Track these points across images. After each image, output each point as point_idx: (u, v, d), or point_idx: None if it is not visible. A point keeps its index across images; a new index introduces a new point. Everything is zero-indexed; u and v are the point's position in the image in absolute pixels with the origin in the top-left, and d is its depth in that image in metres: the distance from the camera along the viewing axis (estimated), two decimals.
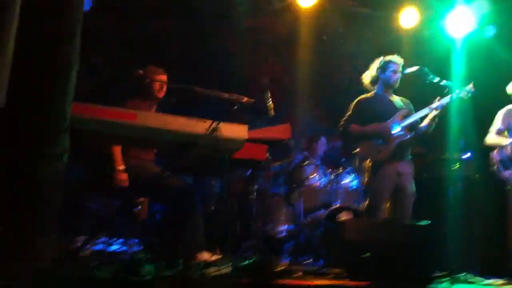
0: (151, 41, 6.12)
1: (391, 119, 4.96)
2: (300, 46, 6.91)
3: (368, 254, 3.61)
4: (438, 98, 4.90)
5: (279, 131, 4.30)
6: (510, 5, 6.59)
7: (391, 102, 5.14)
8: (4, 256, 2.44)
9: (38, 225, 2.57)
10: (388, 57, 5.13)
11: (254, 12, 6.61)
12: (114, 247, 4.16)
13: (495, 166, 5.36)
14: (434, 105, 4.88)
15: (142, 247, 3.86)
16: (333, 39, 7.04)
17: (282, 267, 3.68)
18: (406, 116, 4.99)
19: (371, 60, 5.37)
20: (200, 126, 3.62)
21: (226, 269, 3.47)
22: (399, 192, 4.88)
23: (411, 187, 4.94)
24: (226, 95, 4.36)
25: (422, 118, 5.00)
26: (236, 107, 4.30)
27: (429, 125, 4.96)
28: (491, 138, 5.48)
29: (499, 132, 5.42)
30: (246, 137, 3.75)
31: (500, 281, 4.55)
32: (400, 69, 5.08)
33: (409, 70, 5.03)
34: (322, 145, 6.59)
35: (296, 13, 6.72)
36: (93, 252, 3.92)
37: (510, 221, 5.63)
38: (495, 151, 5.40)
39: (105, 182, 4.00)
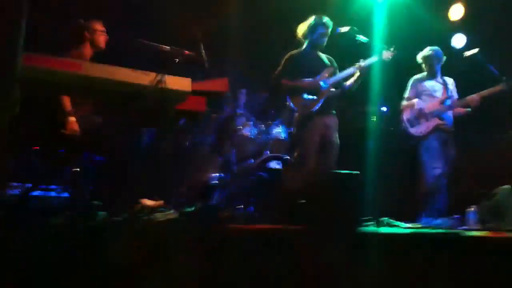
0: None
1: (319, 76, 5.25)
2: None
3: (303, 201, 3.89)
4: (362, 59, 5.25)
5: (218, 85, 4.44)
6: None
7: (319, 59, 5.42)
8: None
9: None
10: (319, 19, 5.38)
11: None
12: (55, 195, 4.20)
13: (404, 124, 6.00)
14: (358, 65, 5.24)
15: (86, 196, 3.93)
16: None
17: (227, 214, 3.89)
18: (332, 74, 5.32)
19: (299, 17, 5.61)
20: (145, 78, 3.70)
21: (171, 215, 3.65)
22: (326, 144, 5.22)
23: (336, 139, 5.31)
24: (167, 48, 4.45)
25: (347, 77, 5.34)
26: (177, 60, 4.41)
27: (353, 84, 5.35)
28: (404, 103, 6.10)
29: (409, 99, 6.05)
30: (190, 89, 3.86)
31: (418, 225, 5.06)
32: (329, 32, 5.37)
33: (341, 29, 5.31)
34: (242, 96, 6.76)
35: None
36: (37, 199, 3.95)
37: (419, 170, 6.21)
38: (404, 112, 6.04)
39: (47, 132, 4.01)
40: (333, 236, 3.62)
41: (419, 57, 6.15)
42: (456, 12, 7.60)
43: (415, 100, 5.95)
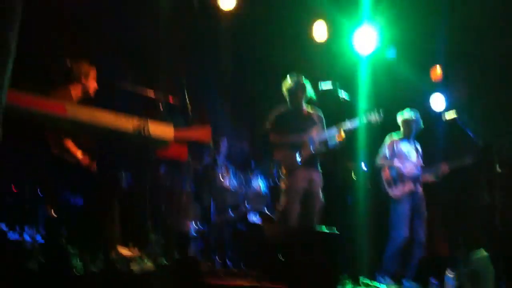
0: (73, 26, 5.92)
1: (307, 132, 5.31)
2: (217, 47, 6.99)
3: (280, 257, 3.82)
4: (347, 121, 5.29)
5: (200, 133, 4.40)
6: (408, 28, 7.10)
7: (305, 116, 5.48)
8: None
9: None
10: (297, 78, 5.46)
11: (175, 9, 6.60)
12: (28, 239, 4.04)
13: (382, 184, 6.03)
14: (343, 126, 5.27)
15: (62, 240, 3.78)
16: (248, 43, 7.18)
17: (206, 267, 3.79)
18: (319, 132, 5.37)
19: (283, 68, 5.68)
20: (128, 123, 3.65)
21: (148, 267, 3.53)
22: (309, 198, 5.20)
23: (320, 195, 5.29)
24: (152, 93, 4.41)
25: (331, 136, 5.37)
26: (161, 106, 4.37)
27: (337, 143, 5.35)
28: (379, 161, 6.13)
29: (385, 158, 6.07)
30: (172, 137, 3.82)
31: (393, 286, 5.02)
32: (306, 91, 5.42)
33: (324, 86, 5.37)
34: (223, 146, 6.68)
35: (215, 15, 6.81)
36: (10, 241, 3.80)
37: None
38: (383, 172, 6.06)
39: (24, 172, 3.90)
40: None
41: (400, 119, 6.19)
42: (436, 74, 7.79)
43: (395, 162, 5.98)
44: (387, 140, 6.17)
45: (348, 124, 5.26)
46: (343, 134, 5.26)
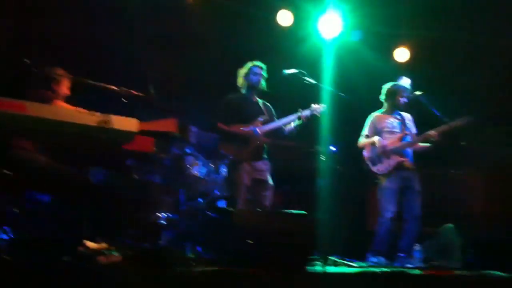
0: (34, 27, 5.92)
1: (252, 124, 5.42)
2: (185, 41, 7.02)
3: (250, 241, 3.89)
4: (301, 109, 5.40)
5: (166, 125, 4.42)
6: (373, 10, 7.20)
7: (256, 104, 5.62)
8: None
9: None
10: (251, 63, 5.63)
11: (142, 5, 6.62)
12: None
13: (366, 163, 5.96)
14: (297, 114, 5.35)
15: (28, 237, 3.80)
16: (215, 35, 7.22)
17: (176, 255, 3.84)
18: (266, 122, 5.48)
19: (248, 55, 5.76)
20: (91, 118, 3.65)
21: (115, 258, 3.57)
22: (257, 185, 5.29)
23: (269, 181, 5.44)
24: (116, 88, 4.43)
25: (285, 123, 5.45)
26: (126, 100, 4.39)
27: (290, 131, 5.45)
28: (361, 141, 6.12)
29: (367, 137, 6.04)
30: (137, 130, 3.82)
31: (365, 264, 5.11)
32: (262, 72, 5.59)
33: (288, 71, 5.41)
34: (193, 135, 6.70)
35: (181, 9, 6.85)
36: None
37: (369, 209, 6.30)
38: (365, 150, 6.02)
39: None
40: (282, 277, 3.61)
41: (383, 91, 6.17)
42: (402, 55, 7.91)
43: (376, 138, 5.95)
44: (368, 119, 6.17)
45: (301, 113, 5.34)
46: (297, 121, 5.33)
